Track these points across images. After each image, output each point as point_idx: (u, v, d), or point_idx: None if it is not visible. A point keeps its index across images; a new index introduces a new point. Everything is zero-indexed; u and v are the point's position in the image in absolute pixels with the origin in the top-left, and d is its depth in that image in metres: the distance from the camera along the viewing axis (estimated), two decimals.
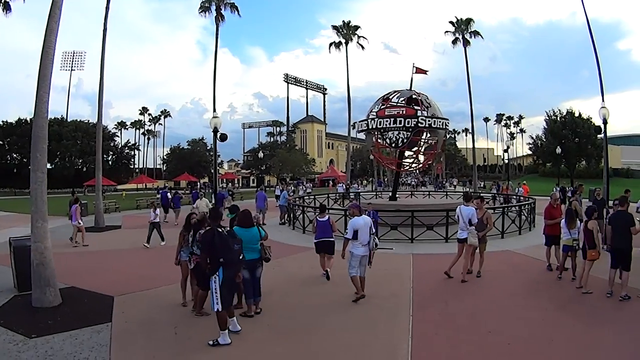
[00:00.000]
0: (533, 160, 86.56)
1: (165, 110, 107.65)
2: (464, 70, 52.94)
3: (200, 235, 8.01)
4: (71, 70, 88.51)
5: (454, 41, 53.60)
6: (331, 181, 75.46)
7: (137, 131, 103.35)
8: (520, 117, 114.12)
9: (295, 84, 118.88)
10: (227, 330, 6.88)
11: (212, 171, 41.00)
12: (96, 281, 10.88)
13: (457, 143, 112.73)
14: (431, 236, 16.32)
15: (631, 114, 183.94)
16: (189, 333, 7.32)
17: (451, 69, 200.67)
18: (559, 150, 49.03)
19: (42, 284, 9.01)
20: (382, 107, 22.68)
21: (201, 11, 45.70)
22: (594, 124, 50.27)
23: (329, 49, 58.57)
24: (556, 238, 11.53)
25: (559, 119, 67.07)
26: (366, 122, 22.85)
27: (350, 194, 33.49)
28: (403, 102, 22.45)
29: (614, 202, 10.71)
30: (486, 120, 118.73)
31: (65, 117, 77.36)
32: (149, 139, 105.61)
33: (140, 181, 77.58)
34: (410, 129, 21.48)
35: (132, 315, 8.38)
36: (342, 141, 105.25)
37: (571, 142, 61.88)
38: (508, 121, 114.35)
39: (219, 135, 20.45)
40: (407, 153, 24.27)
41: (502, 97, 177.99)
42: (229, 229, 7.70)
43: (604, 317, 8.19)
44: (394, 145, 22.29)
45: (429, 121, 21.48)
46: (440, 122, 22.08)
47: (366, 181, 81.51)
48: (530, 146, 77.24)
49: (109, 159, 76.74)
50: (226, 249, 6.95)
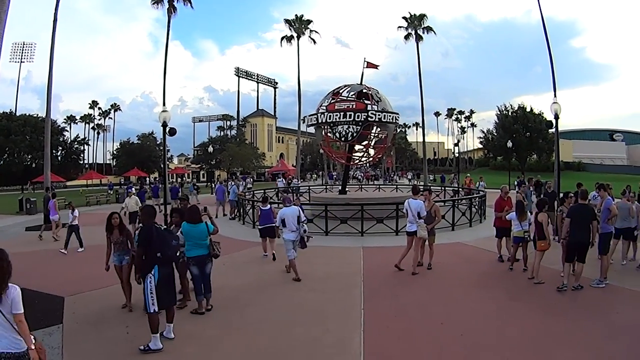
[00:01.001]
0: (484, 154, 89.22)
1: (115, 104, 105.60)
2: (415, 65, 54.41)
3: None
4: (21, 62, 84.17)
5: (407, 36, 54.64)
6: (281, 175, 75.68)
7: (87, 125, 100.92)
8: (472, 112, 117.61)
9: (247, 78, 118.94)
10: (158, 334, 6.60)
11: (162, 166, 40.26)
12: (46, 282, 10.51)
13: (407, 137, 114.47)
14: (381, 229, 16.50)
15: (584, 109, 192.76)
16: (140, 332, 7.04)
17: (403, 64, 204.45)
18: (509, 144, 50.56)
19: None
20: (332, 101, 23.02)
21: (154, 2, 44.23)
22: (545, 118, 52.10)
23: (281, 42, 58.45)
24: (507, 230, 11.82)
25: (510, 113, 69.15)
26: (316, 116, 23.12)
27: (291, 188, 33.48)
28: (353, 96, 22.90)
29: (567, 195, 11.01)
30: (437, 114, 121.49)
31: (14, 111, 73.87)
32: (98, 133, 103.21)
33: (90, 177, 74.90)
34: (360, 123, 21.89)
35: (83, 316, 8.19)
36: (293, 135, 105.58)
37: (522, 136, 63.88)
38: (459, 115, 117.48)
39: (167, 130, 20.01)
40: (357, 147, 24.69)
41: (453, 92, 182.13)
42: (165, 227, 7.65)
43: (556, 307, 8.41)
44: (343, 139, 22.69)
45: (379, 115, 22.00)
46: (390, 116, 22.58)
47: (316, 175, 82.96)
48: (481, 140, 79.37)
49: (58, 154, 73.54)
50: (164, 244, 6.73)
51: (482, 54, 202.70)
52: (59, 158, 72.80)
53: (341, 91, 23.54)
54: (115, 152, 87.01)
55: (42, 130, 42.04)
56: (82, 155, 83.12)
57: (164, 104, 39.09)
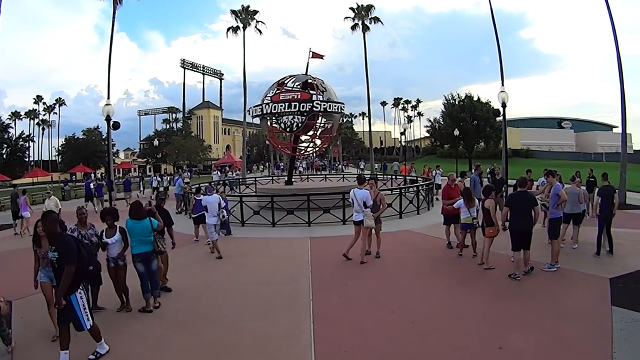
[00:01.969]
0: (431, 142, 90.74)
1: (60, 99, 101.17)
2: (362, 56, 54.74)
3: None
4: None
5: (354, 27, 54.80)
6: (228, 167, 75.17)
7: (32, 121, 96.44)
8: (418, 101, 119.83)
9: (192, 70, 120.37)
10: (102, 339, 6.34)
11: (107, 161, 38.97)
12: None
13: (354, 126, 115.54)
14: (328, 219, 16.59)
15: (533, 98, 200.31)
16: (88, 336, 6.75)
17: (350, 54, 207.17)
18: (457, 132, 51.73)
19: None
20: (277, 91, 23.06)
21: None
22: (492, 107, 53.48)
23: (227, 33, 57.30)
24: (455, 217, 12.02)
25: (457, 102, 70.52)
26: (261, 107, 23.08)
27: (226, 181, 33.24)
28: (298, 86, 22.98)
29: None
30: (384, 104, 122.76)
31: None
32: (43, 129, 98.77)
33: (35, 175, 71.73)
34: (305, 113, 22.02)
35: (30, 321, 7.85)
36: (239, 127, 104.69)
37: (469, 124, 65.33)
38: (406, 105, 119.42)
39: (111, 123, 19.51)
40: (303, 137, 24.87)
41: (401, 82, 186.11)
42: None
43: (509, 292, 8.62)
44: (288, 129, 22.80)
45: (324, 105, 22.17)
46: (335, 106, 22.82)
47: (263, 166, 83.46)
48: (428, 129, 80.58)
49: (3, 152, 72.08)
50: (91, 254, 6.56)
51: (430, 44, 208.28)
52: (4, 156, 72.24)
53: (286, 81, 23.63)
54: (60, 148, 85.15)
55: None
56: (27, 153, 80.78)
57: (108, 97, 38.07)
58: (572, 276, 9.44)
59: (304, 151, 27.27)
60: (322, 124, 24.41)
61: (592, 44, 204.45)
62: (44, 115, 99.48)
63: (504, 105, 19.54)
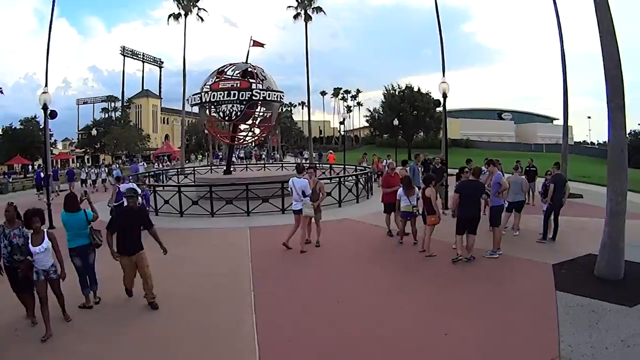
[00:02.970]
0: (370, 132, 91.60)
1: None
2: (304, 45, 54.89)
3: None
4: None
5: (296, 16, 54.57)
6: (166, 157, 73.67)
7: None
8: (358, 91, 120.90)
9: (132, 57, 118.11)
10: None
11: (44, 151, 37.09)
12: None
13: (293, 116, 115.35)
14: (267, 208, 16.62)
15: (474, 90, 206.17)
16: (31, 333, 6.66)
17: (291, 43, 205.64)
18: (396, 122, 52.42)
19: None
20: (216, 80, 23.04)
21: None
22: (432, 98, 54.48)
23: (168, 20, 55.84)
24: (394, 205, 12.16)
25: (397, 92, 71.35)
26: (200, 95, 22.98)
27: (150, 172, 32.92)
28: (238, 75, 22.99)
29: (463, 170, 11.45)
30: (323, 93, 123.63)
31: None
32: None
33: None
34: (244, 102, 22.05)
35: None
36: (178, 116, 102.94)
37: (409, 114, 66.24)
38: (345, 95, 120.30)
39: (48, 112, 18.78)
40: (242, 126, 24.96)
41: (341, 72, 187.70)
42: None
43: (452, 279, 8.87)
44: (227, 118, 22.82)
45: (263, 94, 22.29)
46: (275, 94, 23.00)
47: (202, 155, 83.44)
48: (367, 118, 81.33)
49: None
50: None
51: (372, 35, 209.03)
52: None
53: (226, 70, 23.59)
54: None
55: None
56: None
57: (46, 85, 36.50)
58: (515, 262, 9.79)
59: (242, 140, 27.17)
60: (261, 113, 24.40)
61: (533, 39, 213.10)
62: None
63: (444, 96, 19.95)
